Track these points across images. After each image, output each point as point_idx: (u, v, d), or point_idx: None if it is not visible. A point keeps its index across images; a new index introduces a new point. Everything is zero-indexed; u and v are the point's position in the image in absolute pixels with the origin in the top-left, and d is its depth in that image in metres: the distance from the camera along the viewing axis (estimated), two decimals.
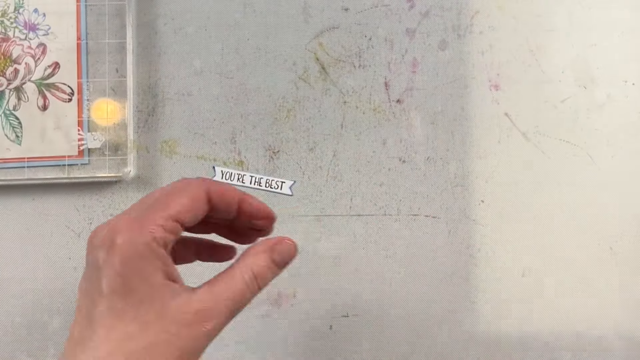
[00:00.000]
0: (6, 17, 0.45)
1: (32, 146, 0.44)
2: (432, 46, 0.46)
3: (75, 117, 0.44)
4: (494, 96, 0.46)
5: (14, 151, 0.44)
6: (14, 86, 0.45)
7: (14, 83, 0.45)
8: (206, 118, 0.45)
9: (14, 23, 0.45)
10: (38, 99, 0.45)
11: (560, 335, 0.44)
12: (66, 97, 0.45)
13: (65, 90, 0.45)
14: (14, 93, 0.45)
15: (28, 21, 0.45)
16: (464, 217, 0.45)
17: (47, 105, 0.45)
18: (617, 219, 0.45)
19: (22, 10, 0.45)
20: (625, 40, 0.46)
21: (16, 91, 0.45)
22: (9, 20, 0.45)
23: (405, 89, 0.46)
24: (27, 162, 0.44)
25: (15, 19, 0.45)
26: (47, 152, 0.44)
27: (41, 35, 0.45)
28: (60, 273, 0.45)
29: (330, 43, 0.46)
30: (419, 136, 0.45)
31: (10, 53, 0.45)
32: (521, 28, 0.46)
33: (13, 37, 0.45)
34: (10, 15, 0.45)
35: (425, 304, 0.44)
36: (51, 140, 0.44)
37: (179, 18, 0.46)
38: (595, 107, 0.46)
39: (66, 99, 0.45)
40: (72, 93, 0.45)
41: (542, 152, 0.45)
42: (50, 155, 0.44)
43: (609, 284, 0.45)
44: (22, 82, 0.45)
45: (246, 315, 0.44)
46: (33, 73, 0.45)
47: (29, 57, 0.45)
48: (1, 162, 0.44)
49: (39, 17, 0.45)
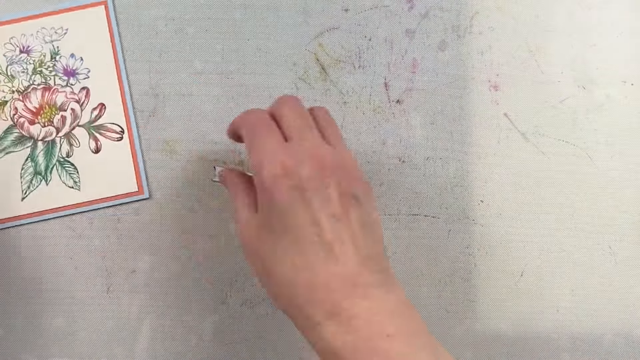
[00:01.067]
0: (44, 67, 0.45)
1: (93, 189, 0.44)
2: (432, 47, 0.46)
3: (129, 154, 0.44)
4: (494, 96, 0.46)
5: (75, 197, 0.44)
6: (64, 133, 0.45)
7: (63, 130, 0.45)
8: (206, 118, 0.45)
9: (53, 71, 0.45)
10: (89, 142, 0.45)
11: (559, 336, 0.44)
12: (117, 136, 0.45)
13: (115, 129, 0.45)
14: (64, 140, 0.45)
15: (67, 67, 0.45)
16: (463, 217, 0.45)
17: (100, 147, 0.45)
18: (617, 219, 0.45)
19: (58, 57, 0.45)
20: (625, 41, 0.46)
21: (67, 138, 0.45)
22: (48, 69, 0.45)
23: (405, 90, 0.46)
24: (91, 206, 0.44)
25: (53, 67, 0.45)
26: (108, 193, 0.44)
27: (82, 79, 0.45)
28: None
29: (330, 44, 0.46)
30: (418, 136, 0.46)
31: (54, 101, 0.45)
32: (520, 28, 0.46)
33: (54, 85, 0.45)
34: (47, 64, 0.45)
35: (425, 303, 0.44)
36: (110, 180, 0.44)
37: (179, 18, 0.46)
38: (595, 108, 0.46)
39: (117, 138, 0.45)
40: (122, 131, 0.45)
41: (542, 152, 0.46)
42: (111, 195, 0.44)
43: (608, 283, 0.45)
44: (71, 128, 0.45)
45: (246, 314, 0.44)
46: (80, 118, 0.45)
47: (73, 102, 0.45)
48: (64, 209, 0.44)
49: (77, 61, 0.45)
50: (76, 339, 0.44)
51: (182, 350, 0.44)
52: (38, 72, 0.45)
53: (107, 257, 0.44)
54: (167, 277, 0.44)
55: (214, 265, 0.44)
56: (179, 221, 0.44)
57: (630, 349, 0.44)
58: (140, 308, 0.44)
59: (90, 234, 0.44)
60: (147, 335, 0.44)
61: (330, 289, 0.30)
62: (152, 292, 0.44)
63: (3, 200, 0.44)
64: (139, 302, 0.44)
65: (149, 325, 0.44)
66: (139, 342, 0.44)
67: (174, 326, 0.44)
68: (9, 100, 0.45)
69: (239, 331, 0.44)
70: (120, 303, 0.44)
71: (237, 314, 0.44)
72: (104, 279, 0.44)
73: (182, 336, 0.44)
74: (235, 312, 0.44)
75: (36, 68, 0.45)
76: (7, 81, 0.45)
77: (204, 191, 0.45)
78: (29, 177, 0.44)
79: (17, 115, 0.45)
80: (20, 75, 0.45)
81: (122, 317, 0.44)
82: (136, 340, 0.44)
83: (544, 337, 0.44)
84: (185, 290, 0.44)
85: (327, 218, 0.31)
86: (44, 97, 0.45)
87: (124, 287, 0.44)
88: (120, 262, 0.44)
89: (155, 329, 0.44)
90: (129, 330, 0.44)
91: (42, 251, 0.44)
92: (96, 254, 0.44)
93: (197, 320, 0.44)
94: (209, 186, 0.45)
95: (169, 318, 0.44)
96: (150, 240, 0.44)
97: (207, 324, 0.44)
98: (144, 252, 0.44)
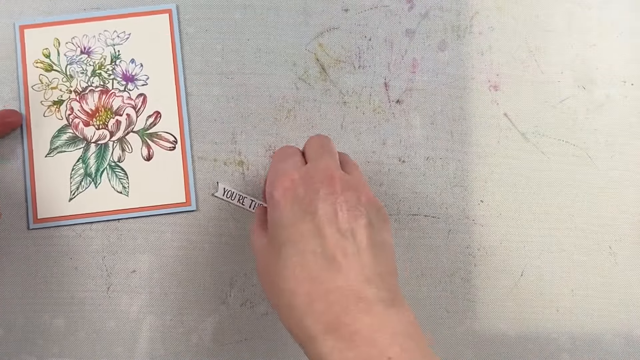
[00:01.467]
0: (104, 69, 0.45)
1: (141, 197, 0.44)
2: (432, 47, 0.46)
3: (181, 164, 0.44)
4: (493, 96, 0.46)
5: (122, 202, 0.44)
6: (117, 138, 0.45)
7: (117, 135, 0.45)
8: (206, 118, 0.45)
9: (112, 75, 0.45)
10: (142, 149, 0.45)
11: (559, 336, 0.44)
12: (170, 146, 0.45)
13: (169, 138, 0.45)
14: (117, 144, 0.44)
15: (126, 72, 0.45)
16: (463, 217, 0.45)
17: (152, 155, 0.45)
18: (617, 219, 0.45)
19: (118, 61, 0.45)
20: (625, 41, 0.46)
21: (120, 142, 0.44)
22: (107, 73, 0.45)
23: (405, 90, 0.46)
24: (137, 213, 0.44)
25: (113, 70, 0.45)
26: (156, 201, 0.44)
27: (140, 85, 0.45)
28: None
29: (330, 44, 0.46)
30: (418, 136, 0.46)
31: (110, 105, 0.45)
32: (520, 29, 0.46)
33: (112, 88, 0.45)
34: (107, 67, 0.45)
35: (425, 303, 0.44)
36: (159, 190, 0.44)
37: (179, 18, 0.46)
38: (595, 108, 0.46)
39: (170, 147, 0.45)
40: (175, 141, 0.45)
41: (542, 152, 0.46)
42: (159, 204, 0.44)
43: (608, 283, 0.45)
44: (124, 133, 0.45)
45: (246, 314, 0.44)
46: (135, 124, 0.45)
47: (129, 108, 0.45)
48: (111, 213, 0.44)
49: (137, 67, 0.45)
50: (76, 339, 0.44)
51: (182, 350, 0.44)
52: (97, 74, 0.45)
53: (107, 257, 0.44)
54: (167, 277, 0.44)
55: (214, 265, 0.44)
56: (179, 221, 0.44)
57: (631, 349, 0.44)
58: (140, 308, 0.44)
59: (91, 234, 0.44)
60: (147, 335, 0.44)
61: (330, 301, 0.29)
62: (152, 292, 0.44)
63: (51, 199, 0.44)
64: (139, 302, 0.44)
65: (149, 325, 0.44)
66: (139, 342, 0.44)
67: (174, 326, 0.44)
68: (66, 99, 0.45)
69: (239, 331, 0.44)
70: (120, 303, 0.44)
71: (237, 314, 0.44)
72: (104, 279, 0.44)
73: (182, 336, 0.44)
74: (235, 312, 0.44)
75: (95, 70, 0.45)
76: (65, 80, 0.45)
77: (205, 192, 0.45)
78: (79, 179, 0.44)
79: (72, 115, 0.45)
80: (79, 76, 0.45)
81: (122, 317, 0.44)
82: (136, 340, 0.44)
83: (544, 337, 0.44)
84: (185, 290, 0.44)
85: (332, 231, 0.30)
86: (101, 100, 0.45)
87: (124, 287, 0.44)
88: (120, 262, 0.44)
89: (155, 329, 0.44)
90: (129, 330, 0.44)
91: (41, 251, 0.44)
92: (96, 254, 0.44)
93: (197, 320, 0.44)
94: (210, 187, 0.45)
95: (169, 318, 0.44)
96: (151, 240, 0.44)
97: (207, 324, 0.44)
98: (144, 252, 0.44)
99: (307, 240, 0.31)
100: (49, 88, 0.45)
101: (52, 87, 0.45)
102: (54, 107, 0.45)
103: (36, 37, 0.45)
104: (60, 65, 0.45)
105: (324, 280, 0.30)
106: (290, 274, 0.31)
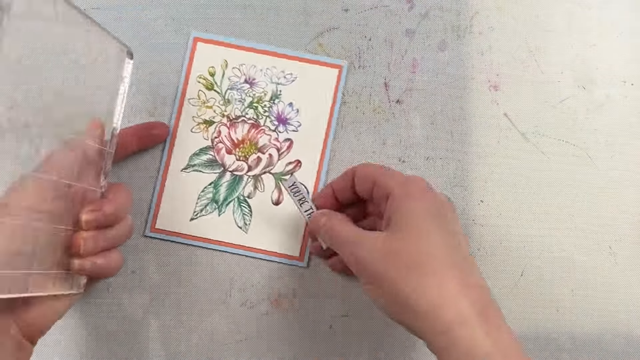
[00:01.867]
0: (261, 104, 0.45)
1: (259, 238, 0.44)
2: (432, 47, 0.46)
3: (304, 219, 0.43)
4: (493, 96, 0.46)
5: (239, 238, 0.44)
6: (253, 174, 0.44)
7: (254, 171, 0.44)
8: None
9: (267, 112, 0.45)
10: (273, 192, 0.44)
11: (559, 336, 0.44)
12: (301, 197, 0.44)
13: (301, 189, 0.44)
14: (251, 180, 0.44)
15: (281, 113, 0.45)
16: (463, 217, 0.45)
17: (280, 201, 0.44)
18: (617, 219, 0.45)
19: (277, 101, 0.45)
20: (625, 41, 0.46)
21: (254, 179, 0.44)
22: (263, 108, 0.45)
23: (405, 90, 0.46)
24: (251, 252, 0.44)
25: (269, 108, 0.45)
26: (271, 247, 0.44)
27: (290, 130, 0.45)
28: None
29: (330, 43, 0.46)
30: (418, 136, 0.46)
31: (257, 140, 0.44)
32: (520, 29, 0.46)
33: (263, 125, 0.45)
34: (265, 103, 0.45)
35: None
36: (277, 237, 0.44)
37: (179, 19, 0.46)
38: (595, 108, 0.46)
39: (300, 199, 0.44)
40: (307, 194, 0.44)
41: (542, 152, 0.46)
42: (273, 250, 0.44)
43: (608, 283, 0.45)
44: (261, 171, 0.44)
45: (246, 314, 0.44)
46: (274, 166, 0.45)
47: (273, 149, 0.44)
48: (226, 245, 0.44)
49: (293, 111, 0.45)
50: (76, 339, 0.44)
51: (182, 350, 0.44)
52: (253, 107, 0.45)
53: None
54: (167, 277, 0.44)
55: (215, 265, 0.44)
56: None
57: (631, 349, 0.44)
58: (141, 308, 0.44)
59: None
60: (147, 335, 0.44)
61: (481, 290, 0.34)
62: (152, 292, 0.44)
63: (172, 213, 0.44)
64: (139, 302, 0.44)
65: (149, 325, 0.44)
66: (139, 342, 0.44)
67: (174, 326, 0.44)
68: (217, 122, 0.45)
69: (239, 331, 0.44)
70: (120, 303, 0.44)
71: (237, 314, 0.44)
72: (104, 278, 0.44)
73: (182, 336, 0.44)
74: (235, 312, 0.44)
75: (253, 102, 0.45)
76: (222, 103, 0.45)
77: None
78: (205, 202, 0.44)
79: (218, 139, 0.44)
80: (235, 103, 0.45)
81: (123, 317, 0.44)
82: (136, 340, 0.44)
83: (544, 337, 0.44)
84: (185, 290, 0.44)
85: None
86: (249, 133, 0.44)
87: (124, 287, 0.44)
88: None
89: (155, 329, 0.44)
90: (129, 330, 0.44)
91: None
92: None
93: (197, 320, 0.44)
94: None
95: (169, 318, 0.44)
96: (151, 240, 0.44)
97: (207, 324, 0.44)
98: (144, 252, 0.44)
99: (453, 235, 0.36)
100: (205, 106, 0.45)
101: (207, 106, 0.45)
102: (203, 125, 0.45)
103: (207, 52, 0.45)
104: (221, 87, 0.45)
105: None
106: None
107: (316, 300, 0.44)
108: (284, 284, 0.44)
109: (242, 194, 0.44)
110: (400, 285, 0.33)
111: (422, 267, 0.33)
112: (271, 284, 0.44)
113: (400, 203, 0.35)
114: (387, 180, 0.37)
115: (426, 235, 0.34)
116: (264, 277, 0.44)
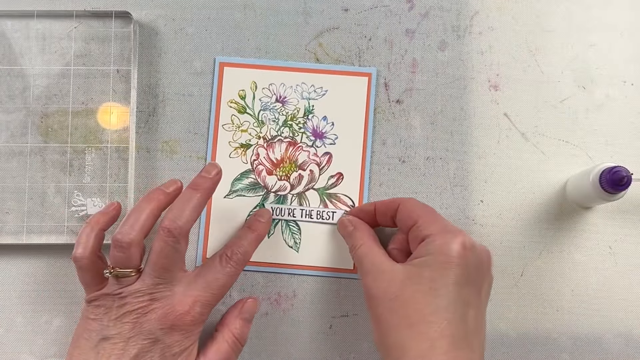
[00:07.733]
0: (295, 121, 0.44)
1: (311, 255, 0.44)
2: (432, 47, 0.46)
3: None
4: (493, 96, 0.46)
5: (292, 257, 0.44)
6: (297, 192, 0.44)
7: (297, 189, 0.44)
8: (206, 118, 0.45)
9: (302, 128, 0.44)
10: (319, 207, 0.44)
11: (559, 335, 0.44)
12: (346, 209, 0.44)
13: (346, 201, 0.44)
14: (296, 199, 0.44)
15: (316, 128, 0.44)
16: (463, 217, 0.45)
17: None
18: (616, 219, 0.45)
19: (311, 116, 0.44)
20: (625, 41, 0.46)
21: (298, 197, 0.44)
22: (298, 125, 0.44)
23: (405, 90, 0.46)
24: (306, 270, 0.44)
25: (304, 124, 0.44)
26: (324, 262, 0.44)
27: (328, 144, 0.45)
28: None
29: (330, 43, 0.46)
30: (418, 136, 0.46)
31: (296, 158, 0.44)
32: (520, 29, 0.46)
33: (300, 142, 0.44)
34: (299, 119, 0.44)
35: None
36: (329, 250, 0.44)
37: (179, 18, 0.46)
38: (595, 108, 0.46)
39: (346, 211, 0.44)
40: (353, 205, 0.44)
41: (542, 152, 0.46)
42: (327, 265, 0.44)
43: (608, 283, 0.45)
44: (305, 188, 0.44)
45: None
46: (316, 181, 0.44)
47: (313, 164, 0.44)
48: (278, 266, 0.44)
49: (327, 125, 0.45)
50: None
51: None
52: (288, 125, 0.45)
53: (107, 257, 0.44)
54: None
55: None
56: None
57: (631, 349, 0.44)
58: None
59: None
60: None
61: None
62: None
63: (222, 240, 0.44)
64: None
65: None
66: None
67: None
68: (254, 144, 0.45)
69: None
70: None
71: None
72: None
73: None
74: None
75: (287, 120, 0.44)
76: (256, 125, 0.44)
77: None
78: None
79: (257, 161, 0.44)
80: (270, 123, 0.45)
81: None
82: None
83: (544, 337, 0.44)
84: None
85: None
86: (287, 151, 0.44)
87: None
88: None
89: None
90: None
91: (42, 251, 0.44)
92: None
93: None
94: None
95: None
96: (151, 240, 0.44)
97: (206, 324, 0.44)
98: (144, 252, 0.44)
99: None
100: (239, 130, 0.45)
101: (242, 130, 0.45)
102: (240, 149, 0.44)
103: (235, 76, 0.45)
104: (254, 110, 0.45)
105: None
106: None
107: (316, 300, 0.44)
108: (284, 284, 0.44)
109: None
110: (393, 332, 0.35)
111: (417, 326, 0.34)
112: (271, 284, 0.44)
113: (436, 259, 0.35)
114: (428, 225, 0.37)
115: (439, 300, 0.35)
116: (263, 277, 0.44)
